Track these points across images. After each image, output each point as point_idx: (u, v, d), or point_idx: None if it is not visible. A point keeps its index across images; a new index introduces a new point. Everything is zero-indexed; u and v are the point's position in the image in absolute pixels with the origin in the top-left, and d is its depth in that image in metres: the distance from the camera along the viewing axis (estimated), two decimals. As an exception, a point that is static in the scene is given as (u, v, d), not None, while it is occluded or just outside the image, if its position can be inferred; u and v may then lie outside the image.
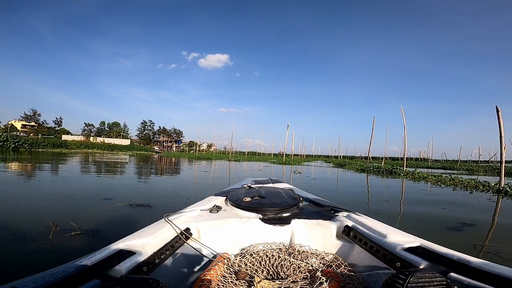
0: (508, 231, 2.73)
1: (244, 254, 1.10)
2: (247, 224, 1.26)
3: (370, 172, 10.92)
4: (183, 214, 1.30)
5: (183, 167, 11.38)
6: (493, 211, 3.76)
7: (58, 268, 0.70)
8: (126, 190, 4.48)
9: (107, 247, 0.87)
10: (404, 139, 12.48)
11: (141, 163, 12.95)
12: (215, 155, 32.13)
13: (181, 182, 6.16)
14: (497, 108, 6.46)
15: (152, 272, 0.90)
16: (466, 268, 0.76)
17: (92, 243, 1.98)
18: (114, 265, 0.79)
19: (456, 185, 6.47)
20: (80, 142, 43.91)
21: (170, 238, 1.08)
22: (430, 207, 3.83)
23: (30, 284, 0.61)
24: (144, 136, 67.29)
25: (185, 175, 8.06)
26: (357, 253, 1.13)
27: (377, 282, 0.94)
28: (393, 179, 8.13)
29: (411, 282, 0.62)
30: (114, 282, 0.62)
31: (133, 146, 48.13)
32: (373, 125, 16.73)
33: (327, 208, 1.50)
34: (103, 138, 54.78)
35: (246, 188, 1.96)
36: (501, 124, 6.36)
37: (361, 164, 16.41)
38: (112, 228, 2.36)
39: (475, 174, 12.62)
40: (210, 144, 60.32)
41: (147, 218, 2.62)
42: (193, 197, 3.72)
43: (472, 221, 2.88)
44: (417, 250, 0.93)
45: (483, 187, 5.94)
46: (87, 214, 2.75)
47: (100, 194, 3.88)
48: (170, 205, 3.35)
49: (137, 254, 0.88)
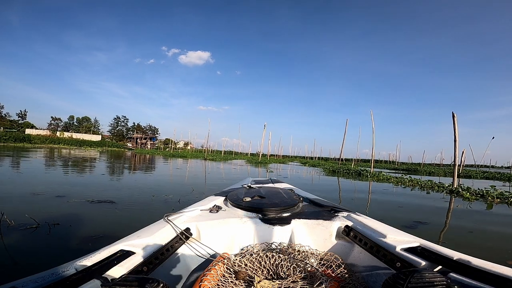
0: (458, 229, 2.92)
1: (244, 254, 1.10)
2: (247, 224, 1.26)
3: (340, 173, 11.34)
4: (183, 214, 1.30)
5: (155, 165, 11.07)
6: (447, 210, 4.05)
7: (58, 268, 0.70)
8: (89, 186, 4.29)
9: (107, 247, 0.86)
10: (373, 142, 13.11)
11: (111, 160, 12.39)
12: (191, 153, 31.53)
13: (151, 179, 6.00)
14: (453, 114, 6.86)
15: (152, 272, 0.90)
16: (466, 268, 0.76)
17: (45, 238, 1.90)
18: (114, 265, 0.78)
19: (414, 186, 6.93)
20: (46, 136, 40.83)
21: (170, 238, 1.07)
22: (388, 205, 4.09)
23: (30, 284, 0.60)
24: (117, 132, 64.38)
25: (156, 172, 7.85)
26: (357, 253, 1.14)
27: (377, 282, 0.95)
28: (361, 181, 8.52)
29: (411, 282, 0.62)
30: (114, 282, 0.62)
31: (104, 142, 45.86)
32: (346, 127, 17.36)
33: (327, 208, 1.51)
34: (71, 133, 51.54)
35: (246, 188, 1.96)
36: (456, 129, 6.83)
37: (332, 165, 16.97)
38: (70, 223, 2.26)
39: (436, 176, 13.61)
40: (187, 142, 59.13)
41: (109, 213, 2.57)
42: (159, 194, 3.67)
43: (425, 220, 3.08)
44: (417, 250, 0.94)
45: (438, 187, 6.43)
46: (42, 210, 2.60)
47: (60, 190, 3.68)
48: (136, 202, 3.25)
49: (137, 254, 0.88)
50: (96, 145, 39.96)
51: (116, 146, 45.68)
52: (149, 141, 55.68)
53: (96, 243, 1.84)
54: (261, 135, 23.18)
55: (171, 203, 3.23)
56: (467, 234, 2.66)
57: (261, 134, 23.03)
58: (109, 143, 46.39)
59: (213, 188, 4.73)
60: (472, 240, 2.48)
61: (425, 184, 6.93)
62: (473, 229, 2.85)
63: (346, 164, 21.02)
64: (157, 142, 57.69)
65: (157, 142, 57.67)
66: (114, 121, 65.64)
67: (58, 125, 60.09)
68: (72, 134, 50.94)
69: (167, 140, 57.98)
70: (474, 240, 2.50)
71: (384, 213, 3.46)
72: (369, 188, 6.39)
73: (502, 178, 13.09)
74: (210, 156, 24.48)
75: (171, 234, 1.10)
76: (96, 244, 1.82)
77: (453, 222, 3.21)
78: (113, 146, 43.59)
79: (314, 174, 10.77)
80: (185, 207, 1.44)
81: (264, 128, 23.05)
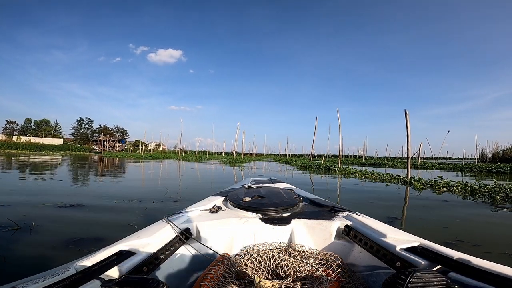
0: (431, 223, 2.86)
1: (244, 254, 1.10)
2: (247, 224, 1.26)
3: (311, 169, 11.85)
4: (183, 214, 1.30)
5: (124, 168, 10.69)
6: (404, 202, 4.32)
7: (58, 269, 0.69)
8: (56, 191, 4.11)
9: (107, 247, 0.86)
10: (340, 138, 13.87)
11: (75, 164, 11.73)
12: (163, 154, 30.68)
13: (120, 182, 5.86)
14: (405, 111, 7.51)
15: (152, 272, 0.90)
16: (466, 267, 0.76)
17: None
18: (114, 265, 0.78)
19: (376, 179, 7.51)
20: (1, 142, 37.38)
21: (170, 238, 1.07)
22: (359, 201, 4.19)
23: (30, 284, 0.60)
24: (80, 135, 60.56)
25: (126, 175, 7.63)
26: (357, 253, 1.13)
27: (377, 282, 0.95)
28: (330, 175, 9.02)
29: (411, 282, 0.62)
30: (114, 283, 0.63)
31: (67, 146, 42.85)
32: (316, 125, 18.12)
33: (327, 208, 1.51)
34: (29, 137, 47.47)
35: (246, 188, 1.97)
36: (408, 125, 7.52)
37: (304, 162, 17.63)
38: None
39: (399, 168, 14.73)
40: (158, 143, 57.22)
41: (80, 215, 2.64)
42: (127, 197, 3.65)
43: (399, 216, 3.11)
44: (417, 249, 0.93)
45: (394, 179, 7.05)
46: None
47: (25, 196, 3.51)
48: (104, 205, 3.22)
49: (137, 254, 0.88)
50: (58, 149, 37.25)
51: (81, 149, 42.87)
52: (118, 144, 53.00)
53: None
54: (235, 134, 23.30)
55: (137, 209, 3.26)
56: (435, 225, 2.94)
57: (235, 133, 23.13)
58: (72, 146, 43.43)
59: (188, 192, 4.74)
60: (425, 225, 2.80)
61: (384, 177, 7.53)
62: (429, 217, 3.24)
63: (317, 160, 21.86)
64: (127, 144, 55.11)
65: (126, 144, 55.08)
66: (77, 124, 61.69)
67: (14, 129, 55.08)
68: (30, 138, 46.97)
69: (137, 142, 55.63)
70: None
71: (360, 211, 3.72)
72: (338, 184, 6.80)
73: (455, 169, 14.40)
74: (183, 157, 24.05)
75: (171, 234, 1.10)
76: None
77: (421, 216, 3.15)
78: (78, 150, 40.88)
79: (287, 171, 11.14)
80: (184, 207, 1.46)
81: (237, 128, 23.20)
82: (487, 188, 5.07)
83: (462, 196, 4.67)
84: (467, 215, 3.28)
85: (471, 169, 13.87)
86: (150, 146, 55.30)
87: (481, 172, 12.32)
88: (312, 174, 9.64)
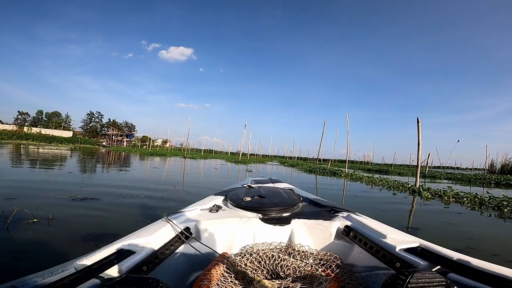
0: (451, 232, 2.89)
1: (244, 254, 1.10)
2: (247, 223, 1.26)
3: (317, 172, 11.81)
4: (183, 214, 1.30)
5: (131, 163, 10.84)
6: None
7: (57, 268, 0.69)
8: (67, 183, 4.21)
9: (107, 246, 0.85)
10: (347, 143, 13.77)
11: (84, 157, 11.94)
12: (170, 151, 30.92)
13: (129, 176, 5.95)
14: (417, 119, 7.37)
15: (152, 271, 0.90)
16: (466, 268, 0.76)
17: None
18: (114, 264, 0.78)
19: (384, 185, 7.45)
20: (12, 132, 38.21)
21: (170, 237, 1.07)
22: (372, 211, 3.98)
23: (29, 284, 0.60)
24: (90, 129, 61.36)
25: (134, 171, 7.74)
26: (356, 253, 1.14)
27: (376, 282, 0.95)
28: (337, 178, 8.99)
29: (411, 283, 0.62)
30: (113, 282, 0.63)
31: (76, 139, 43.53)
32: (323, 129, 17.99)
33: (327, 208, 1.51)
34: (40, 129, 48.42)
35: (246, 187, 1.97)
36: (420, 133, 7.41)
37: (310, 165, 17.55)
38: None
39: (406, 176, 14.50)
40: (165, 140, 57.72)
41: (94, 209, 2.72)
42: (136, 190, 3.72)
43: (417, 225, 3.05)
44: (417, 250, 0.94)
45: (402, 187, 6.97)
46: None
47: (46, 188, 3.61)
48: (117, 199, 3.29)
49: (137, 254, 0.88)
50: (67, 141, 37.97)
51: (89, 143, 43.62)
52: (125, 138, 53.68)
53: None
54: (242, 134, 23.38)
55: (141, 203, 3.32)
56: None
57: (241, 133, 23.21)
58: (81, 139, 44.11)
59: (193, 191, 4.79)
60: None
61: (392, 184, 7.46)
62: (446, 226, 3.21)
63: (323, 164, 21.72)
64: (134, 140, 55.75)
65: (133, 140, 55.72)
66: (87, 117, 62.56)
67: (26, 120, 56.25)
68: (41, 129, 47.90)
69: (145, 137, 56.13)
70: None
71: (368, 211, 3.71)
72: (344, 189, 6.75)
73: (463, 179, 13.64)
74: (189, 155, 24.20)
75: (171, 233, 1.10)
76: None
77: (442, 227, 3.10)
78: (86, 143, 41.58)
79: (299, 176, 11.12)
80: (184, 206, 1.46)
81: (245, 128, 23.27)
82: (496, 200, 4.98)
83: (471, 207, 4.59)
84: (490, 227, 3.24)
85: (480, 180, 13.55)
86: (157, 142, 55.76)
87: (490, 184, 12.05)
88: (318, 175, 9.61)
